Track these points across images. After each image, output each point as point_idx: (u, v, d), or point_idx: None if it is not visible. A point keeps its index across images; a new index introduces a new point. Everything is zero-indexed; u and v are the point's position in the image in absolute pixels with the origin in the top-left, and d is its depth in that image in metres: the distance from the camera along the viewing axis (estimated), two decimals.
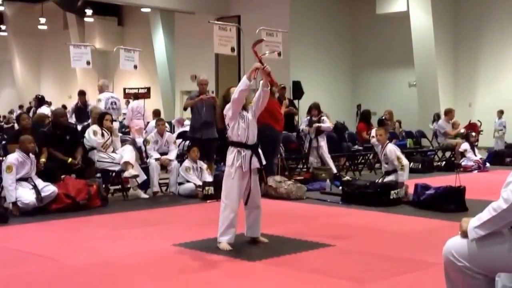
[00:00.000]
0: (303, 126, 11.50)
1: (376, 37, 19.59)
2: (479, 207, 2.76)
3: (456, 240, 2.84)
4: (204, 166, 9.29)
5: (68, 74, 27.54)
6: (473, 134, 13.64)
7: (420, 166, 12.14)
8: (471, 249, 2.76)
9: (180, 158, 9.62)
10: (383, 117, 13.16)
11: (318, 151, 11.14)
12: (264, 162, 5.65)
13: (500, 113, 16.37)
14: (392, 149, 8.70)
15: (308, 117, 11.43)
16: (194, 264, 4.94)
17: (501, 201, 2.63)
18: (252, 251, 5.36)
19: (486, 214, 2.70)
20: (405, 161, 8.64)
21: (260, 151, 5.60)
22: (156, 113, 13.86)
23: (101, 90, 11.55)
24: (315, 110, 11.37)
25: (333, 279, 4.47)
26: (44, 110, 12.70)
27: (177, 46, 22.33)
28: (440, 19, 17.00)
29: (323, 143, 11.19)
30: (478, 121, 15.18)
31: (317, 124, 11.15)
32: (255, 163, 5.50)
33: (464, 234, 2.78)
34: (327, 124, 11.29)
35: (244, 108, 5.53)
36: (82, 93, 12.37)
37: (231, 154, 5.46)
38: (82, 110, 11.84)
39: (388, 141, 8.96)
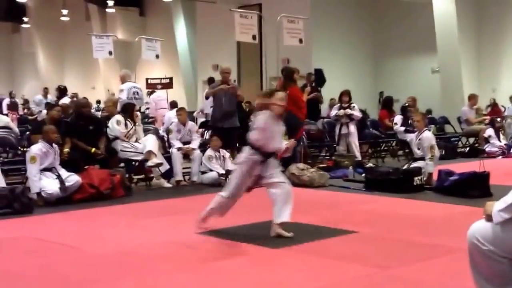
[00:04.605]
0: (334, 111, 11.44)
1: (398, 23, 19.37)
2: (503, 192, 2.72)
3: (480, 224, 2.82)
4: (227, 154, 9.31)
5: (91, 66, 27.74)
6: (498, 119, 13.46)
7: (443, 152, 12.01)
8: (496, 232, 2.73)
9: (203, 147, 9.65)
10: (406, 104, 13.04)
11: (346, 138, 11.12)
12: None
13: None
14: (429, 136, 8.59)
15: (339, 104, 11.40)
16: (218, 252, 4.97)
17: None
18: (276, 239, 5.35)
19: (510, 198, 2.67)
20: (437, 152, 8.55)
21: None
22: (173, 105, 13.90)
23: (123, 80, 11.61)
24: (346, 96, 11.34)
25: (356, 265, 4.46)
26: (66, 100, 12.81)
27: (199, 36, 22.33)
28: (463, 4, 16.74)
29: (353, 130, 11.17)
30: (502, 106, 14.95)
31: (349, 111, 11.12)
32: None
33: (489, 218, 2.75)
34: (357, 112, 11.28)
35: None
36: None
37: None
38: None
39: (426, 128, 8.85)
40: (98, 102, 22.11)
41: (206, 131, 11.50)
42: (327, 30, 18.44)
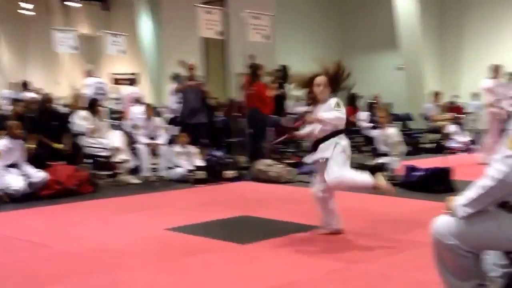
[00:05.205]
0: (300, 108, 11.47)
1: (364, 20, 19.56)
2: (466, 187, 2.78)
3: (444, 219, 2.85)
4: (194, 150, 9.30)
5: (55, 60, 27.27)
6: (459, 116, 13.74)
7: (408, 149, 12.21)
8: (459, 227, 2.77)
9: (170, 142, 9.62)
10: (373, 101, 13.19)
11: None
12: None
13: (474, 95, 15.98)
14: (394, 133, 8.76)
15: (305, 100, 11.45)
16: (187, 248, 4.97)
17: (487, 179, 2.64)
18: (245, 234, 5.39)
19: (473, 192, 2.71)
20: (402, 148, 8.70)
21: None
22: (137, 100, 13.75)
23: (88, 75, 11.49)
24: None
25: (327, 260, 4.52)
26: (28, 95, 12.60)
27: (164, 31, 22.15)
28: (425, 2, 17.01)
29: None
30: (464, 102, 15.24)
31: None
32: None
33: (451, 213, 2.80)
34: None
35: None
36: None
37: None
38: None
39: (390, 124, 8.99)
40: (62, 97, 21.76)
41: (172, 127, 11.46)
42: (293, 26, 18.50)
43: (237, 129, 10.65)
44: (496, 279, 3.03)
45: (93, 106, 8.97)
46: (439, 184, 7.41)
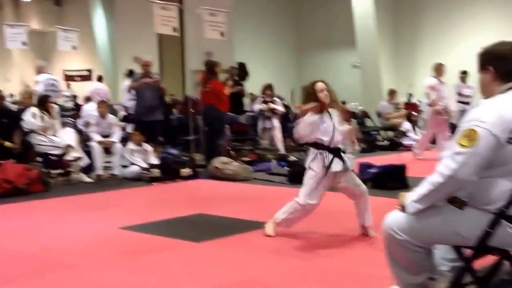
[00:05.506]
0: (257, 106, 11.48)
1: (321, 18, 19.69)
2: (419, 183, 2.81)
3: (395, 215, 2.89)
4: (150, 148, 9.18)
5: (5, 57, 26.60)
6: (414, 113, 13.94)
7: (364, 146, 12.35)
8: (410, 223, 2.81)
9: (124, 141, 9.47)
10: None
11: (270, 132, 11.21)
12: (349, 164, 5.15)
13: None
14: (350, 131, 8.77)
15: (262, 98, 11.45)
16: (141, 247, 4.88)
17: (437, 175, 2.68)
18: (199, 232, 5.34)
19: (423, 188, 2.75)
20: (358, 147, 8.76)
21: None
22: (87, 99, 13.54)
23: (39, 71, 11.22)
24: (269, 90, 11.42)
25: (280, 257, 4.52)
26: None
27: (118, 27, 21.84)
28: (381, 1, 17.23)
29: (277, 124, 11.26)
30: (418, 101, 15.49)
31: (272, 106, 11.19)
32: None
33: (403, 209, 2.82)
34: (280, 106, 11.38)
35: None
36: None
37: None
38: None
39: (346, 122, 9.02)
40: (13, 94, 21.25)
41: (126, 124, 11.29)
42: (250, 24, 18.48)
43: (193, 127, 10.57)
44: (445, 272, 3.09)
45: (43, 103, 8.74)
46: (393, 181, 7.49)
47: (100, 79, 13.73)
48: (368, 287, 3.83)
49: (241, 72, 16.45)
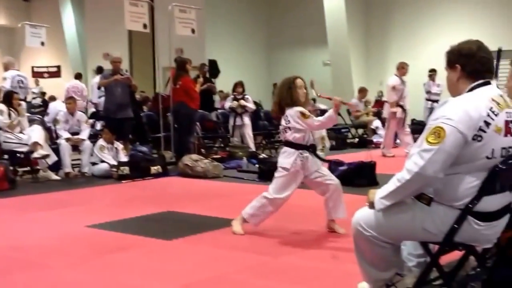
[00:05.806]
0: (228, 103, 11.45)
1: (292, 15, 19.72)
2: (388, 180, 2.82)
3: (364, 211, 2.92)
4: (120, 146, 9.09)
5: None
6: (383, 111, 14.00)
7: (334, 143, 12.42)
8: (377, 219, 2.83)
9: (93, 138, 9.36)
10: None
11: (240, 130, 11.19)
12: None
13: None
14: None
15: (233, 95, 11.42)
16: (110, 245, 4.82)
17: (404, 172, 2.69)
18: (170, 230, 5.30)
19: (391, 185, 2.77)
20: (327, 143, 8.79)
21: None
22: (52, 98, 13.37)
23: (7, 68, 11.00)
24: (240, 87, 11.40)
25: (249, 254, 4.52)
26: None
27: (88, 23, 21.58)
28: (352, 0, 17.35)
29: (247, 121, 11.25)
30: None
31: (243, 103, 11.17)
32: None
33: (371, 205, 2.84)
34: (251, 103, 11.37)
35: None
36: None
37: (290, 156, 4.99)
38: None
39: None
40: None
41: (95, 122, 11.17)
42: (221, 21, 18.43)
43: (163, 124, 10.49)
44: (412, 268, 3.12)
45: (10, 99, 8.58)
46: (363, 178, 7.54)
47: (78, 76, 13.53)
48: (337, 283, 3.84)
49: (212, 69, 16.42)
